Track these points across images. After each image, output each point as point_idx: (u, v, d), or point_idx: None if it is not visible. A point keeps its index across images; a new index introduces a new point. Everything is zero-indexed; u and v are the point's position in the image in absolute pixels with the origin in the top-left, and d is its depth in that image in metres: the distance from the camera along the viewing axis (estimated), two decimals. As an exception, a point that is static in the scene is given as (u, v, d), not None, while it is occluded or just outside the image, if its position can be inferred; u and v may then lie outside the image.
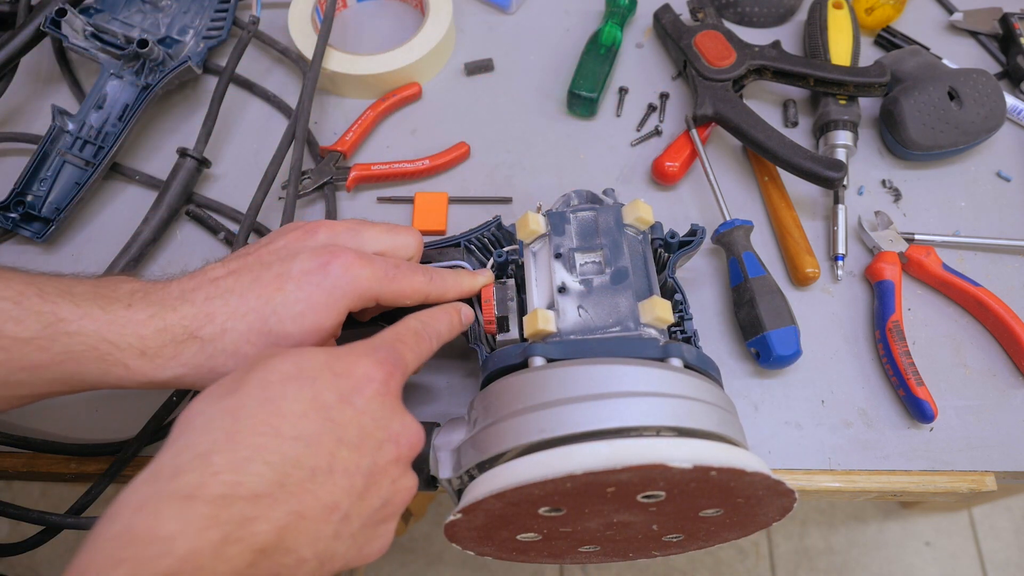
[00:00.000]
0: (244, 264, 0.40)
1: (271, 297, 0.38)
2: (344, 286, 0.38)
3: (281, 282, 0.38)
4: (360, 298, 0.39)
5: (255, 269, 0.39)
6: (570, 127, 0.64)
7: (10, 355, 0.35)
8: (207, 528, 0.27)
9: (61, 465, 0.50)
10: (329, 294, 0.38)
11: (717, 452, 0.33)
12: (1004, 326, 0.53)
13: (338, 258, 0.39)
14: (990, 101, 0.59)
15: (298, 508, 0.29)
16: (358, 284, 0.39)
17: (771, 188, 0.60)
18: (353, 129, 0.62)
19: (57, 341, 0.35)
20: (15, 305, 0.35)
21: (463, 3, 0.71)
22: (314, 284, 0.38)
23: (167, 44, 0.62)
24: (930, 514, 1.31)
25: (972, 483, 0.50)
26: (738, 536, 0.42)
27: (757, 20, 0.70)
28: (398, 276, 0.41)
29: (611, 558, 0.45)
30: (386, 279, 0.40)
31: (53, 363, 0.36)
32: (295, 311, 0.38)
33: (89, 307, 0.36)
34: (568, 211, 0.48)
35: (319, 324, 0.38)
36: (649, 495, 0.34)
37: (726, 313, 0.55)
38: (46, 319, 0.35)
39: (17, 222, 0.56)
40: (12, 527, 1.20)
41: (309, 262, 0.39)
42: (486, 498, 0.33)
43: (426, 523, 1.31)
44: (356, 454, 0.32)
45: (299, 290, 0.38)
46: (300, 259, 0.39)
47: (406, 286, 0.41)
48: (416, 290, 0.42)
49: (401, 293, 0.41)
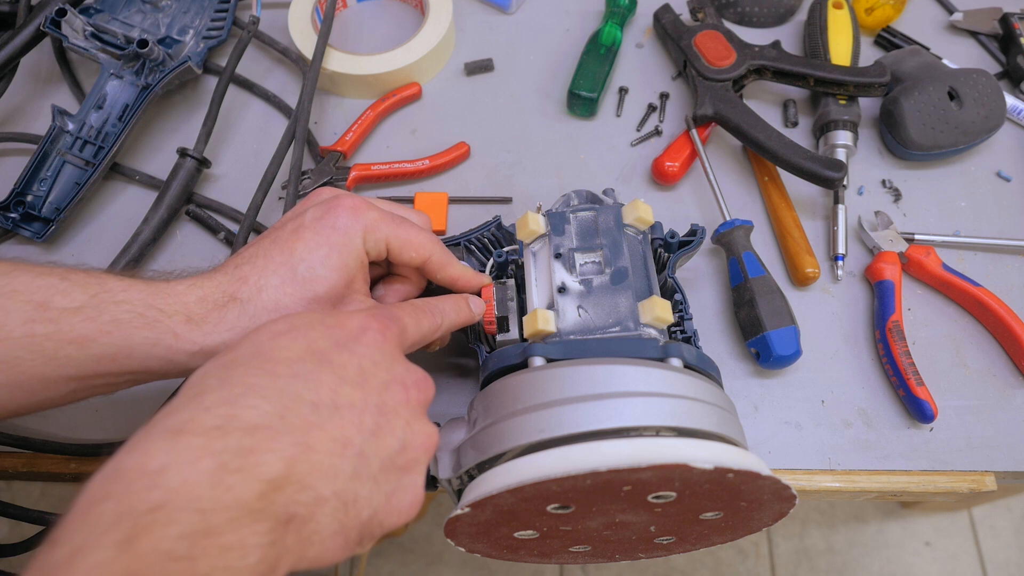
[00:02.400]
0: (261, 237, 0.41)
1: (293, 248, 0.39)
2: (355, 224, 0.40)
3: (298, 234, 0.39)
4: (371, 235, 0.40)
5: (271, 235, 0.41)
6: (570, 127, 0.64)
7: (59, 327, 0.35)
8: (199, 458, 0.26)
9: (61, 465, 0.50)
10: (344, 233, 0.39)
11: (735, 455, 0.33)
12: (1004, 326, 0.53)
13: (344, 201, 0.40)
14: (990, 101, 0.59)
15: (304, 440, 0.28)
16: (367, 222, 0.40)
17: (771, 188, 0.60)
18: (353, 129, 0.62)
19: (104, 311, 0.35)
20: (61, 279, 0.36)
21: (463, 3, 0.71)
22: (328, 226, 0.39)
23: (167, 44, 0.62)
24: (930, 514, 1.31)
25: (972, 483, 0.50)
26: (728, 540, 0.43)
27: (757, 20, 0.70)
28: (404, 223, 0.42)
29: (598, 559, 0.45)
30: (393, 222, 0.41)
31: (101, 334, 0.35)
32: (320, 254, 0.39)
33: (132, 280, 0.37)
34: (568, 211, 0.48)
35: (344, 263, 0.39)
36: (660, 495, 0.34)
37: (726, 313, 0.55)
38: (92, 290, 0.36)
39: (17, 222, 0.56)
40: (12, 527, 1.20)
41: (318, 210, 0.40)
42: (501, 492, 0.33)
43: (426, 523, 1.31)
44: (360, 391, 0.31)
45: (317, 235, 0.39)
46: (310, 212, 0.41)
47: (413, 235, 0.42)
48: (422, 243, 0.42)
49: (409, 241, 0.42)
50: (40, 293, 0.35)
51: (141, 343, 0.36)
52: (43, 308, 0.35)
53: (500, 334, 0.45)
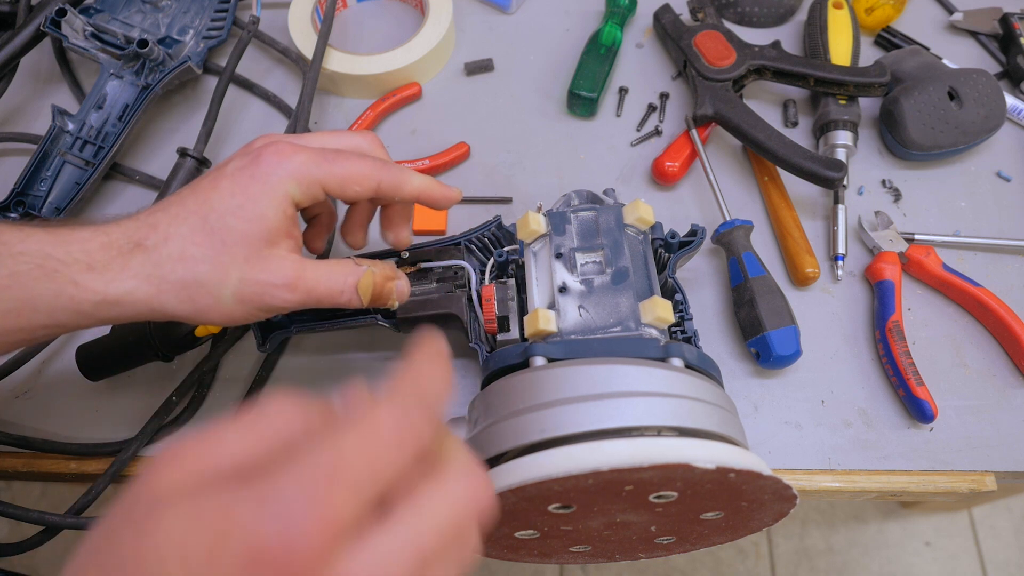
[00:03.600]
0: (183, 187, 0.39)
1: (207, 197, 0.37)
2: (280, 170, 0.37)
3: (216, 182, 0.37)
4: (300, 183, 0.37)
5: (192, 184, 0.38)
6: (570, 127, 0.64)
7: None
8: None
9: (61, 465, 0.50)
10: (264, 182, 0.36)
11: (737, 455, 0.33)
12: (1004, 326, 0.53)
13: (268, 148, 0.37)
14: (990, 101, 0.59)
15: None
16: (294, 167, 0.37)
17: (771, 188, 0.60)
18: (353, 129, 0.62)
19: (2, 264, 0.34)
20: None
21: (463, 3, 0.71)
22: (248, 175, 0.37)
23: (167, 44, 0.62)
24: (930, 514, 1.31)
25: (972, 483, 0.50)
26: (728, 540, 0.43)
27: (757, 20, 0.70)
28: (339, 159, 0.38)
29: (598, 559, 0.45)
30: (325, 161, 0.38)
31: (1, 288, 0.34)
32: (233, 204, 0.36)
33: (32, 230, 0.35)
34: (569, 211, 0.48)
35: (261, 213, 0.36)
36: (661, 495, 0.34)
37: (726, 313, 0.55)
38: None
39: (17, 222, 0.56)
40: (12, 527, 1.20)
41: (243, 160, 0.38)
42: (502, 492, 0.32)
43: (426, 523, 1.31)
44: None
45: (234, 184, 0.37)
46: (234, 160, 0.38)
47: (351, 168, 0.38)
48: (364, 175, 0.38)
49: (347, 176, 0.38)
50: None
51: (43, 294, 0.35)
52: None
53: (500, 334, 0.45)
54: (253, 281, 0.37)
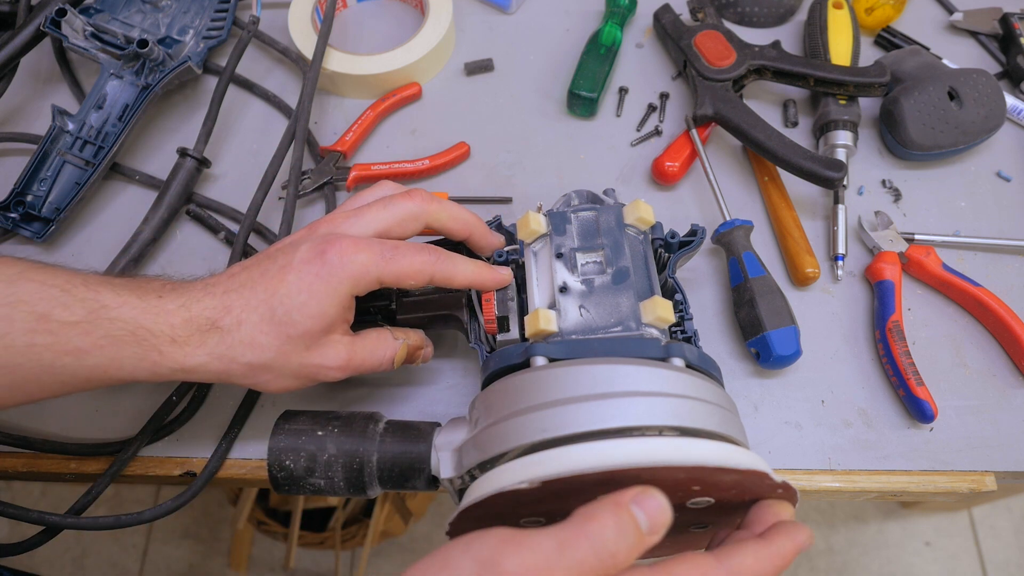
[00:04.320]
0: (256, 260, 0.43)
1: (276, 289, 0.40)
2: (341, 272, 0.40)
3: (284, 274, 0.40)
4: (359, 281, 0.41)
5: (264, 263, 0.42)
6: (570, 127, 0.64)
7: (58, 338, 0.38)
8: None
9: (61, 465, 0.50)
10: (327, 282, 0.40)
11: (738, 455, 0.33)
12: (1004, 326, 0.53)
13: (334, 246, 0.40)
14: (990, 101, 0.59)
15: None
16: (355, 268, 0.40)
17: (771, 188, 0.60)
18: (353, 129, 0.62)
19: (99, 326, 0.38)
20: (63, 292, 0.38)
21: (463, 3, 0.71)
22: (313, 273, 0.40)
23: (167, 44, 0.62)
24: (930, 514, 1.31)
25: (972, 483, 0.50)
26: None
27: (757, 20, 0.70)
28: (396, 256, 0.41)
29: None
30: (383, 260, 0.41)
31: (95, 348, 0.38)
32: (298, 301, 0.40)
33: (128, 296, 0.39)
34: (569, 211, 0.48)
35: (323, 311, 0.40)
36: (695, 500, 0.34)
37: (726, 313, 0.55)
38: (90, 305, 0.38)
39: (17, 222, 0.56)
40: (12, 527, 1.20)
41: (308, 252, 0.41)
42: (503, 492, 0.32)
43: (426, 523, 1.31)
44: None
45: (300, 280, 0.40)
46: (301, 250, 0.41)
47: (406, 266, 0.42)
48: (418, 270, 0.42)
49: (403, 273, 0.42)
50: (42, 305, 0.38)
51: (129, 357, 0.39)
52: (44, 320, 0.37)
53: (501, 334, 0.45)
54: (311, 365, 0.42)
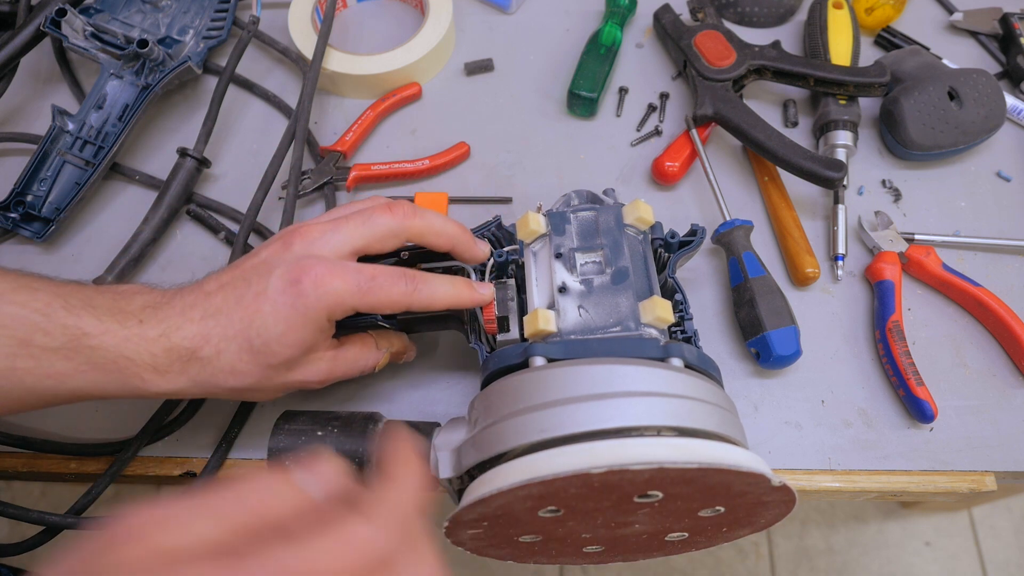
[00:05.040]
0: (231, 279, 0.41)
1: (251, 320, 0.39)
2: (317, 303, 0.39)
3: (259, 303, 0.39)
4: (335, 310, 0.40)
5: (239, 287, 0.40)
6: (570, 127, 0.64)
7: (39, 363, 0.38)
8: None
9: (61, 465, 0.50)
10: (304, 313, 0.39)
11: (738, 455, 0.33)
12: (1004, 326, 0.53)
13: (308, 274, 0.39)
14: (990, 101, 0.59)
15: None
16: (331, 299, 0.39)
17: (771, 188, 0.60)
18: (353, 129, 0.62)
19: (80, 353, 0.38)
20: (44, 317, 0.38)
21: (463, 3, 0.71)
22: (288, 305, 0.39)
23: (167, 44, 0.62)
24: (930, 514, 1.31)
25: (972, 483, 0.50)
26: (734, 539, 0.43)
27: (757, 20, 0.70)
28: (374, 288, 0.40)
29: (612, 558, 0.45)
30: (360, 292, 0.40)
31: (77, 372, 0.38)
32: (276, 332, 0.39)
33: (109, 323, 0.39)
34: (568, 211, 0.48)
35: (301, 339, 0.40)
36: (663, 495, 0.34)
37: (726, 313, 0.55)
38: (71, 332, 0.38)
39: (17, 222, 0.56)
40: (12, 527, 1.20)
41: (282, 280, 0.39)
42: (502, 492, 0.32)
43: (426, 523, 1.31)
44: None
45: (275, 311, 0.39)
46: (275, 277, 0.39)
47: (383, 297, 0.40)
48: (395, 301, 0.41)
49: (379, 304, 0.41)
50: (22, 331, 0.37)
51: (111, 383, 0.39)
52: (25, 345, 0.37)
53: (500, 334, 0.45)
54: (295, 382, 0.42)
